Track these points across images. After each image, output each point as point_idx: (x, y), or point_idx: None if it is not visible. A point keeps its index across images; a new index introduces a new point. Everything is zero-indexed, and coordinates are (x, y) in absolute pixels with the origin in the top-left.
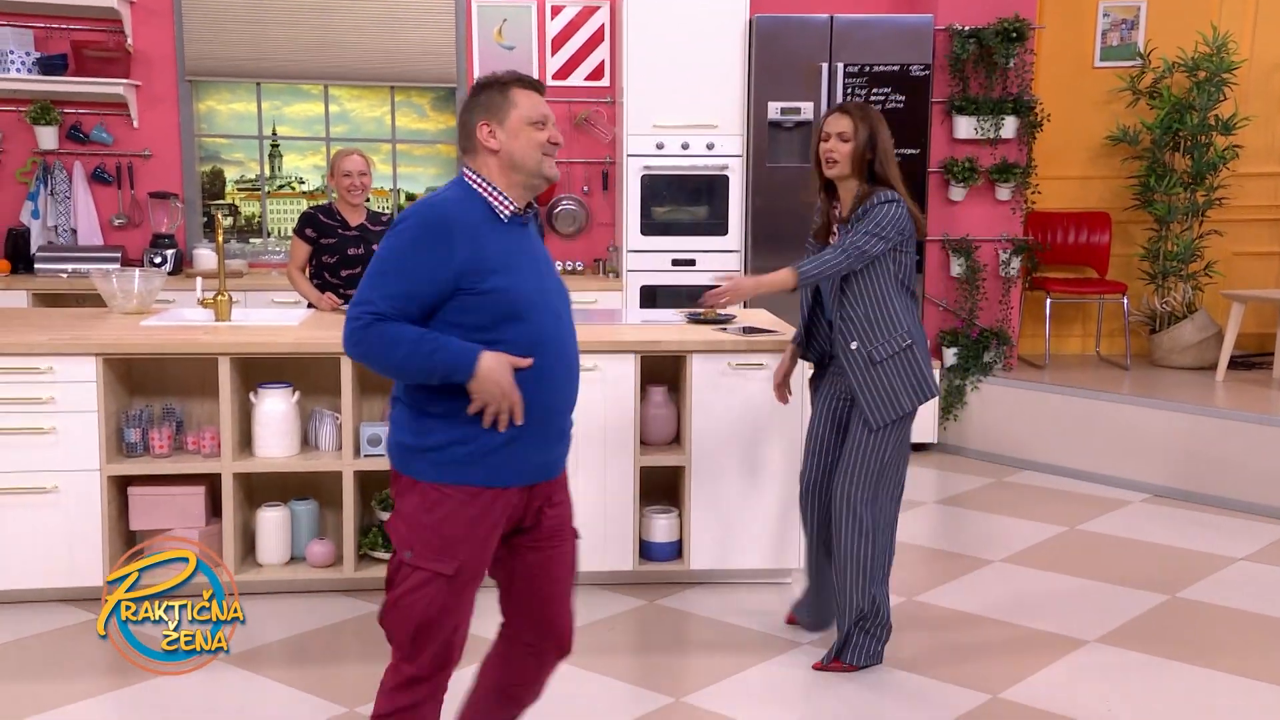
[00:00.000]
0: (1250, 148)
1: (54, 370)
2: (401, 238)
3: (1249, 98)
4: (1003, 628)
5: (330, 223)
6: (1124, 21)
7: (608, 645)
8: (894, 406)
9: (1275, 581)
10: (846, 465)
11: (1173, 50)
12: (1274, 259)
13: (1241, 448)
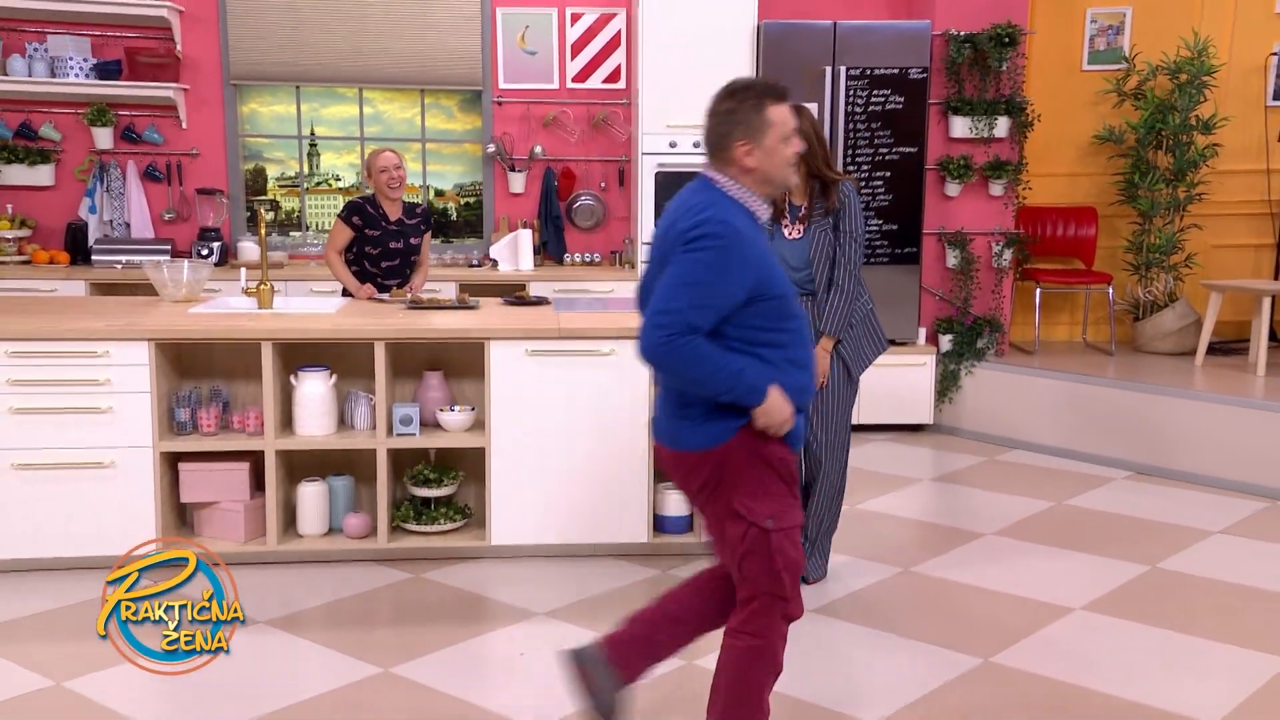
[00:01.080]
0: (1229, 146)
1: (110, 354)
2: (705, 254)
3: (1227, 99)
4: (994, 596)
5: (375, 214)
6: (1110, 27)
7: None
8: (866, 358)
9: (1249, 553)
10: (831, 414)
11: (1156, 54)
12: (1250, 251)
13: (1218, 428)
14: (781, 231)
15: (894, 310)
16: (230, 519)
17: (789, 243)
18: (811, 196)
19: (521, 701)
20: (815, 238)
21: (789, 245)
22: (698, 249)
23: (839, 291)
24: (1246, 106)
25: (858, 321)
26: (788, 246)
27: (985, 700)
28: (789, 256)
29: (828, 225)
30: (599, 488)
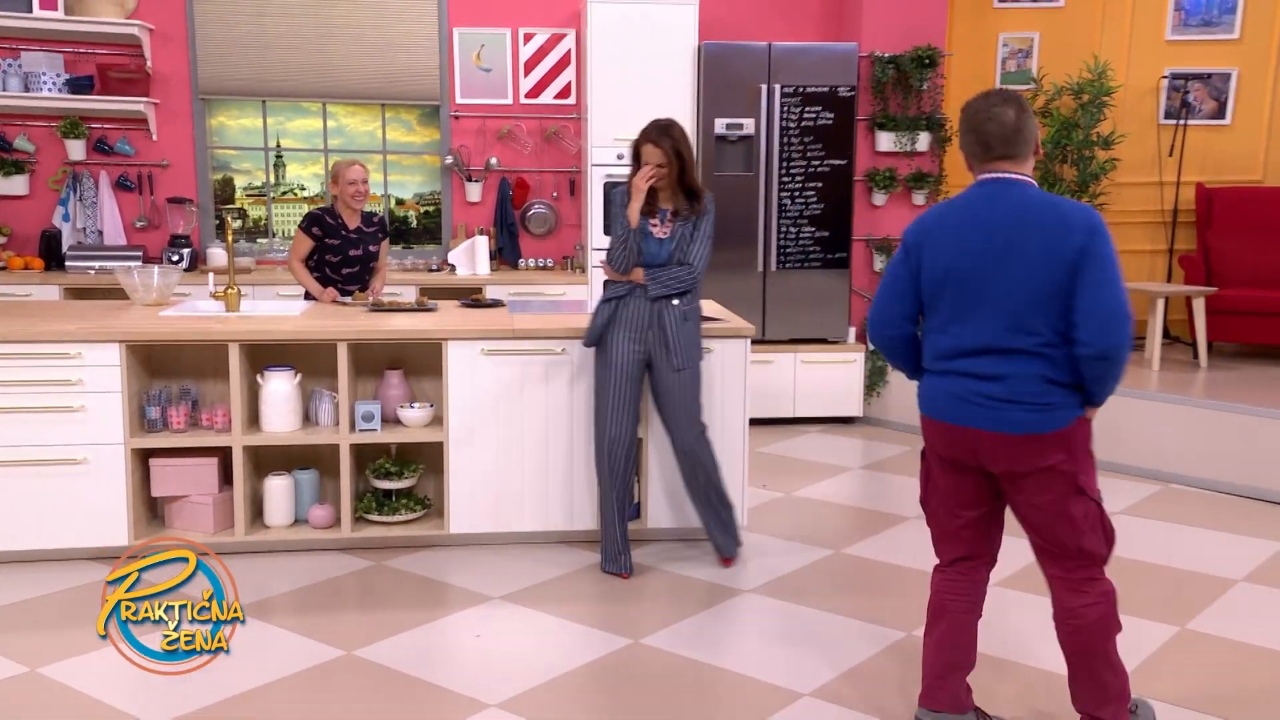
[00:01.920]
0: (1126, 161)
1: (83, 355)
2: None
3: (1125, 117)
4: (917, 574)
5: (334, 224)
6: (1020, 50)
7: (574, 594)
8: (699, 350)
9: (1147, 532)
10: (682, 404)
11: (1061, 76)
12: (1146, 256)
13: (1118, 418)
14: (650, 231)
15: (826, 311)
16: (200, 511)
17: (657, 240)
18: (679, 203)
19: (477, 680)
20: (677, 237)
21: (656, 243)
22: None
23: (686, 267)
24: (1141, 124)
25: (688, 317)
26: (655, 244)
27: (911, 668)
28: (655, 252)
29: (689, 227)
30: (550, 479)
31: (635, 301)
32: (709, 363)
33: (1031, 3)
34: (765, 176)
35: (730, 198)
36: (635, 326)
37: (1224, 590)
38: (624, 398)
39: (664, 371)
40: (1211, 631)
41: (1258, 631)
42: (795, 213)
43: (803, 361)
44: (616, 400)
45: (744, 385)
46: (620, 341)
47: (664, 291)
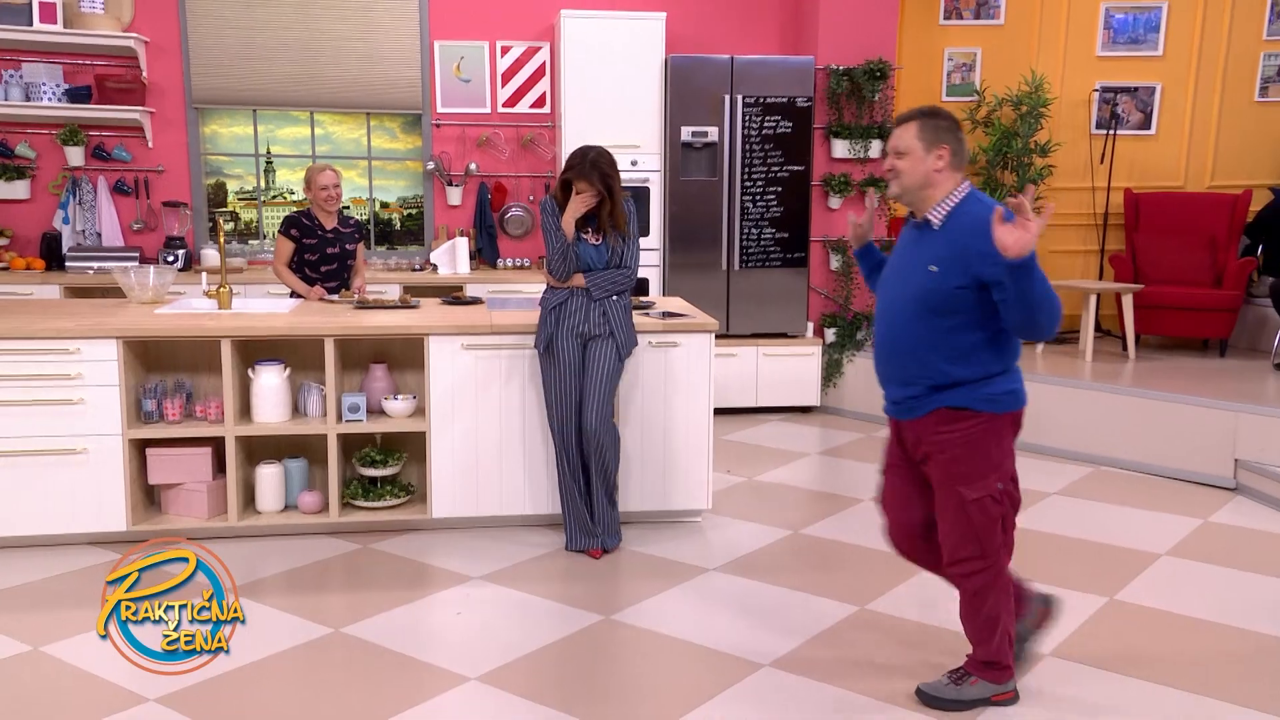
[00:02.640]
0: (1061, 167)
1: (81, 351)
2: None
3: (1060, 127)
4: (869, 553)
5: (310, 225)
6: (964, 64)
7: (549, 574)
8: (634, 342)
9: (1080, 510)
10: (602, 392)
11: (1002, 88)
12: (1080, 256)
13: (1055, 405)
14: (584, 239)
15: (786, 307)
16: (195, 498)
17: (592, 247)
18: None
19: (458, 655)
20: (608, 243)
21: (592, 248)
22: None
23: (623, 270)
24: (1075, 134)
25: (626, 309)
26: (591, 249)
27: (862, 638)
28: (593, 259)
29: (617, 234)
30: (526, 465)
31: (575, 303)
32: (675, 355)
33: (974, 20)
34: (729, 181)
35: (696, 201)
36: (576, 323)
37: (1149, 563)
38: (570, 389)
39: (595, 353)
40: (1137, 601)
41: (1179, 601)
42: (757, 215)
43: (764, 354)
44: (563, 391)
45: (709, 377)
46: (564, 339)
47: (606, 293)
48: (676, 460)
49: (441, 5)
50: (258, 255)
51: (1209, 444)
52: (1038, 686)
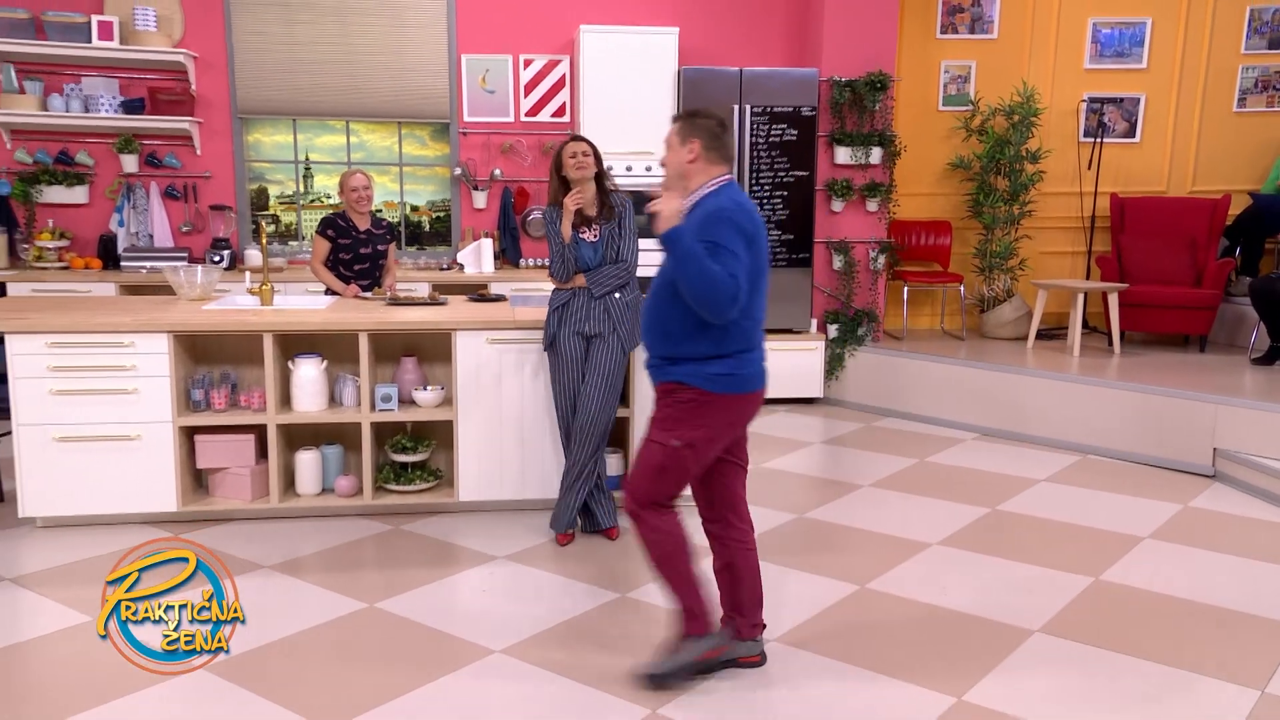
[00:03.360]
0: (1051, 173)
1: (135, 345)
2: None
3: (1050, 135)
4: (869, 536)
5: (345, 226)
6: (959, 76)
7: (568, 554)
8: (637, 338)
9: (1067, 496)
10: (605, 385)
11: (995, 98)
12: (1069, 256)
13: (1044, 398)
14: (582, 239)
15: (791, 304)
16: (239, 481)
17: (590, 245)
18: (601, 207)
19: (483, 629)
20: (605, 238)
21: (590, 247)
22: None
23: (619, 265)
24: (1064, 141)
25: (630, 305)
26: (589, 248)
27: (863, 617)
28: (590, 258)
29: (613, 228)
30: (548, 452)
31: (578, 302)
32: None
33: (969, 35)
34: None
35: None
36: (579, 321)
37: (1132, 546)
38: (570, 384)
39: (597, 350)
40: (1121, 581)
41: (1160, 580)
42: (764, 218)
43: (770, 349)
44: (564, 386)
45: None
46: (568, 338)
47: (605, 290)
48: None
49: (468, 21)
50: (297, 255)
51: (1189, 434)
52: (1025, 660)
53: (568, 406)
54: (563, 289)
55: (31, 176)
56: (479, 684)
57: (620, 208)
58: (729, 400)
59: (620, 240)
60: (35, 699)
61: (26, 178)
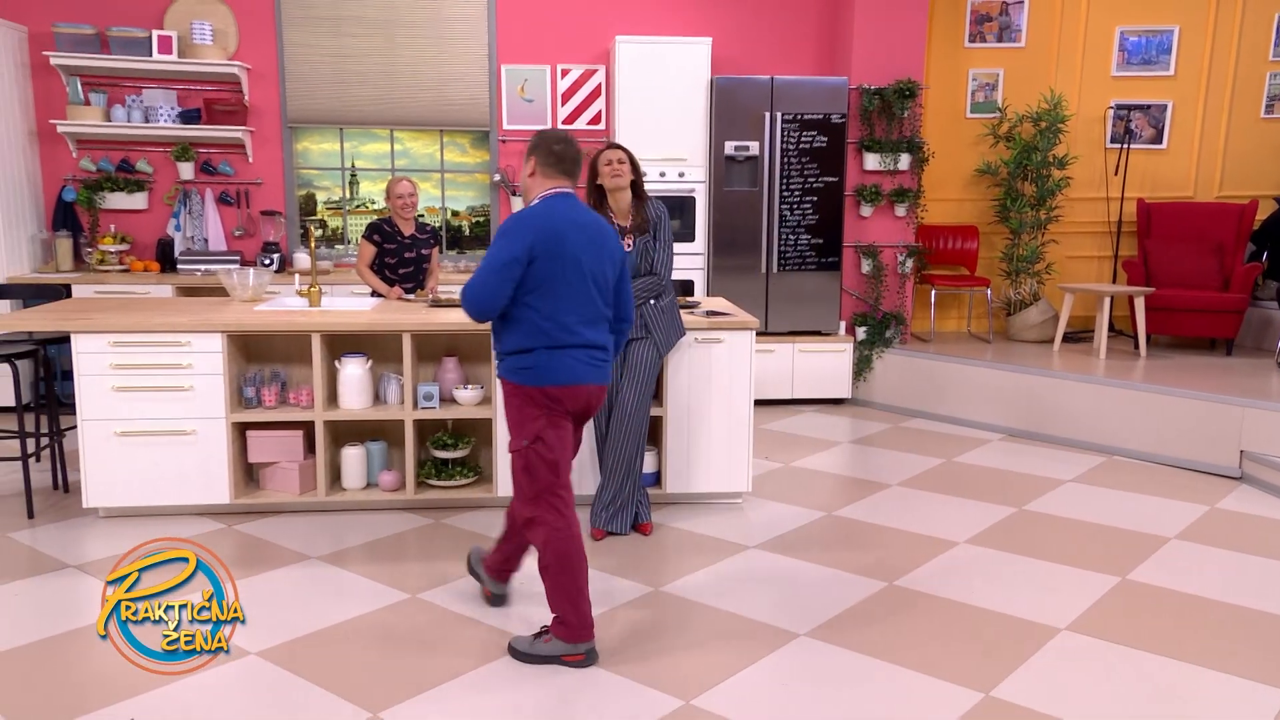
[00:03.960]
0: (1078, 179)
1: (191, 344)
2: None
3: (1077, 141)
4: (897, 533)
5: (390, 231)
6: (987, 84)
7: (603, 548)
8: (672, 340)
9: (1093, 497)
10: (641, 384)
11: (1022, 105)
12: (1094, 261)
13: (1070, 400)
14: None
15: (820, 307)
16: (288, 475)
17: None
18: (636, 213)
19: (521, 619)
20: (639, 249)
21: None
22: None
23: (653, 276)
24: (1091, 147)
25: (665, 310)
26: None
27: (891, 613)
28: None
29: (648, 239)
30: (584, 449)
31: None
32: (719, 351)
33: (997, 44)
34: (768, 191)
35: (738, 210)
36: None
37: (1159, 546)
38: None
39: (634, 351)
40: (1148, 581)
41: (1187, 581)
42: (794, 222)
43: (800, 350)
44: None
45: (750, 371)
46: None
47: (640, 300)
48: (719, 447)
49: (508, 32)
50: (343, 259)
51: (1216, 436)
52: (1053, 658)
53: (606, 405)
54: None
55: (95, 184)
56: (518, 672)
57: (656, 218)
58: (537, 393)
59: (655, 251)
60: (99, 680)
61: (91, 185)
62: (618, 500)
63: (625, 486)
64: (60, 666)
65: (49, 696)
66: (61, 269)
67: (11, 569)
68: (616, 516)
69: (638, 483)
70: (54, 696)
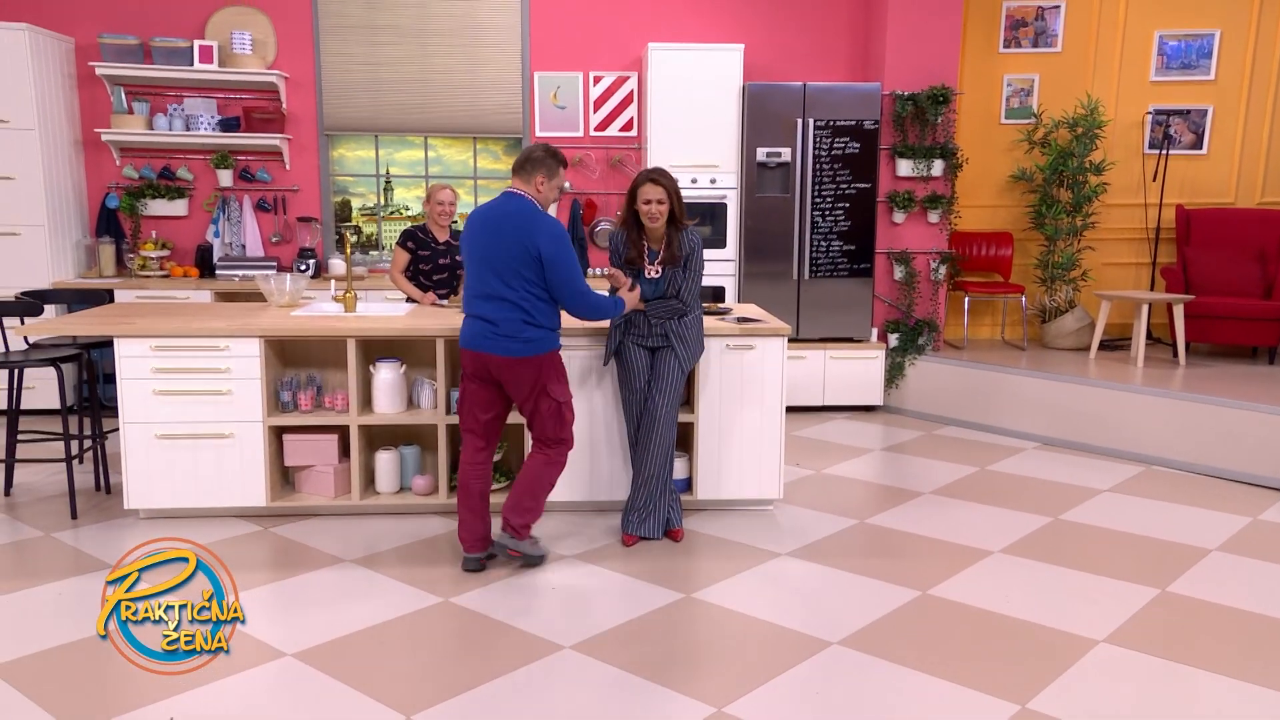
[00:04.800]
0: (1115, 185)
1: (230, 348)
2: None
3: (1114, 147)
4: (930, 542)
5: (425, 239)
6: (1022, 89)
7: (635, 554)
8: (700, 346)
9: (1130, 507)
10: (670, 392)
11: (1058, 111)
12: (1132, 268)
13: (1107, 408)
14: (642, 273)
15: (852, 314)
16: (323, 479)
17: (650, 281)
18: (669, 244)
19: (554, 625)
20: (667, 278)
21: (649, 283)
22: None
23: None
24: (1128, 153)
25: (690, 326)
26: (648, 284)
27: (924, 622)
28: (647, 292)
29: (678, 270)
30: (616, 455)
31: (640, 318)
32: (750, 357)
33: (1032, 49)
34: (800, 198)
35: (769, 216)
36: (641, 337)
37: (1199, 558)
38: (642, 389)
39: (663, 358)
40: (1189, 594)
41: (1229, 593)
42: (826, 229)
43: (831, 357)
44: (637, 389)
45: (782, 377)
46: (632, 347)
47: (661, 319)
48: (751, 453)
49: (541, 40)
50: (377, 264)
51: (1259, 446)
52: (1090, 671)
53: (638, 411)
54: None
55: (137, 191)
56: (549, 679)
57: (688, 252)
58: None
59: (682, 281)
60: (138, 680)
61: (133, 192)
62: (649, 505)
63: (656, 492)
64: (101, 666)
65: (90, 695)
66: (105, 274)
67: (55, 569)
68: (647, 521)
69: (669, 488)
70: (95, 695)
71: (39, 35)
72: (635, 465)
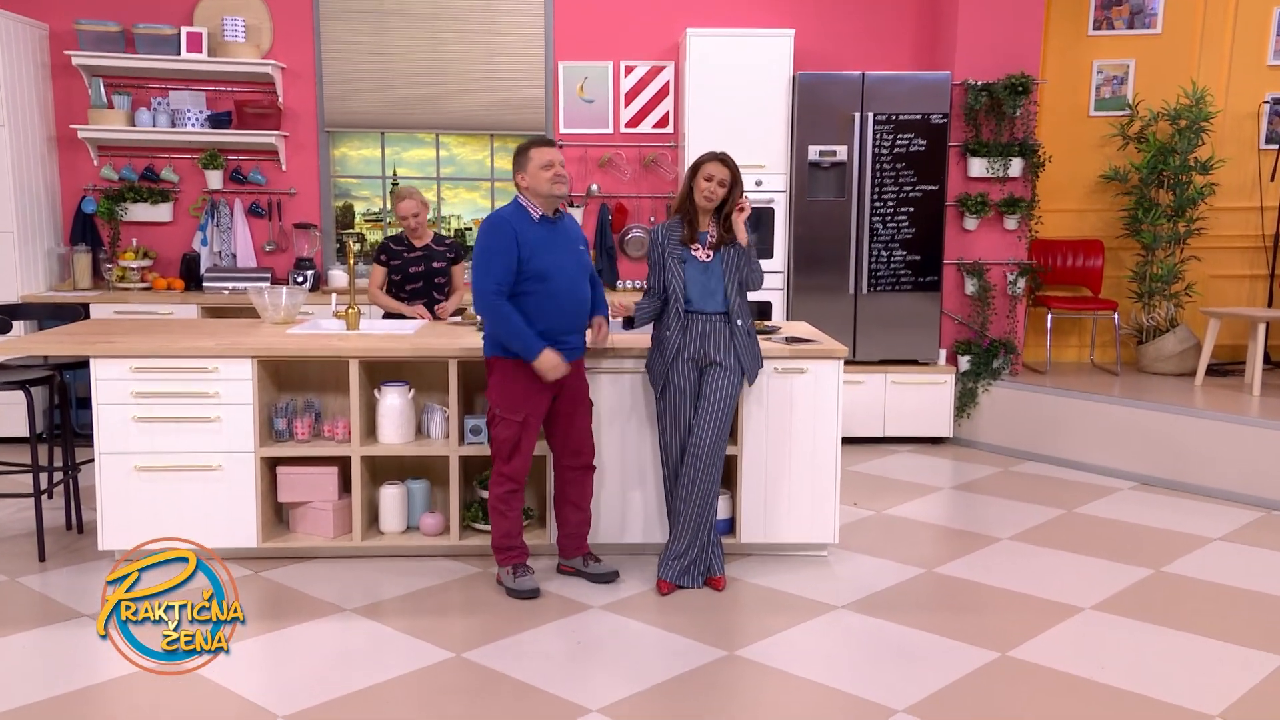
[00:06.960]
0: (1225, 185)
1: (218, 370)
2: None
3: (1224, 142)
4: (1010, 596)
5: (398, 248)
6: (1115, 77)
7: (672, 604)
8: (760, 363)
9: (1248, 559)
10: (718, 417)
11: (1157, 102)
12: (1245, 280)
13: (1217, 443)
14: (693, 255)
15: (917, 333)
16: (321, 517)
17: (700, 264)
18: (720, 229)
19: (579, 685)
20: (726, 264)
21: (700, 266)
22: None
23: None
24: (1241, 149)
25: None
26: (699, 268)
27: (1003, 691)
28: (697, 277)
29: (737, 255)
30: (650, 493)
31: (693, 326)
32: (801, 382)
33: (1127, 30)
34: (857, 202)
35: (822, 222)
36: (696, 345)
37: None
38: (682, 419)
39: (714, 376)
40: None
41: None
42: (887, 237)
43: (893, 382)
44: (679, 425)
45: (836, 405)
46: (682, 368)
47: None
48: (802, 491)
49: (566, 27)
50: None
51: None
52: None
53: (676, 449)
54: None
55: (117, 194)
56: None
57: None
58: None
59: (748, 265)
60: None
61: (112, 195)
62: (691, 551)
63: (700, 534)
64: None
65: None
66: (80, 286)
67: (21, 618)
68: (689, 570)
69: (712, 530)
70: None
71: (8, 20)
72: (675, 502)
